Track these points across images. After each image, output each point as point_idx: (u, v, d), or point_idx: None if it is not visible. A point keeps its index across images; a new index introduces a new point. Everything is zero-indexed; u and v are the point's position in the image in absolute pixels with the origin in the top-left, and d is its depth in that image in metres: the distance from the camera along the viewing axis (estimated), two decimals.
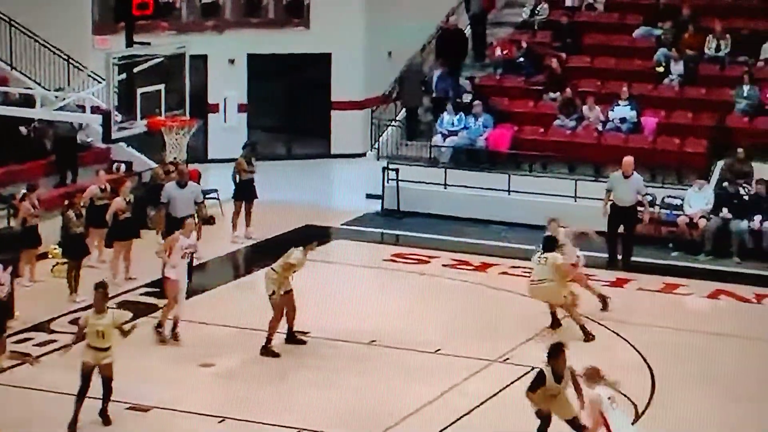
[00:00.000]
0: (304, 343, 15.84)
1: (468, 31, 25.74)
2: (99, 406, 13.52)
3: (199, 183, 22.45)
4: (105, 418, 13.50)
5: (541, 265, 16.30)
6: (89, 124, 21.97)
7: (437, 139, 23.57)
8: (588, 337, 16.27)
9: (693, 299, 18.43)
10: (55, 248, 19.07)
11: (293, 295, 15.69)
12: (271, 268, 15.63)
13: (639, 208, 19.83)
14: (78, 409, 13.29)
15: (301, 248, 15.64)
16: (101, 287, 13.74)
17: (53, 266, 18.79)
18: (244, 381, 14.92)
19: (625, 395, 12.70)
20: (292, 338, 15.88)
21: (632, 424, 12.73)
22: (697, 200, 20.86)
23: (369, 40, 26.91)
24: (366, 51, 26.96)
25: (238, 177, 21.07)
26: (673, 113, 23.11)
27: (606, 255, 19.83)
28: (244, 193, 21.07)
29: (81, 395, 13.32)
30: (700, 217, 20.64)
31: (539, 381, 12.53)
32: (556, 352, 12.57)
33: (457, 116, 23.53)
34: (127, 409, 13.86)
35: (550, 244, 16.49)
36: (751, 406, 14.47)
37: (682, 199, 21.09)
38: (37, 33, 23.31)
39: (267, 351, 15.51)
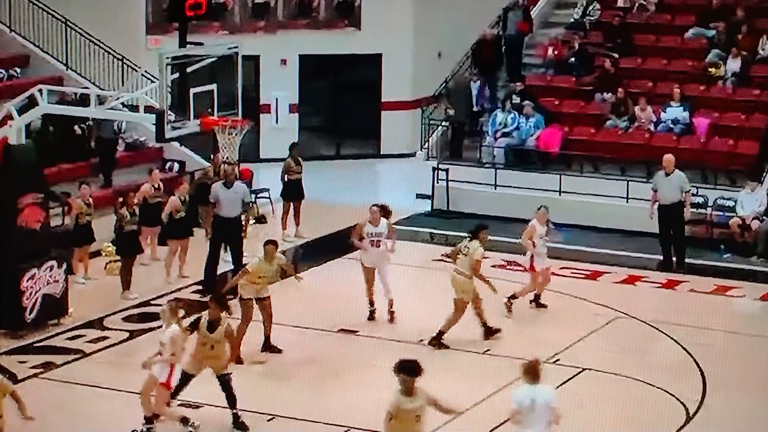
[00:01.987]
0: (279, 351, 15.67)
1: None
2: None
3: (251, 183, 22.65)
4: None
5: (462, 256, 16.07)
6: (134, 126, 22.25)
7: (489, 139, 23.55)
8: (489, 335, 16.18)
9: (745, 301, 18.30)
10: (108, 246, 19.28)
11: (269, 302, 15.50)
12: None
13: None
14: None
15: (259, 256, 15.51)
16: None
17: (107, 264, 18.99)
18: (293, 379, 15.00)
19: None
20: (268, 346, 15.70)
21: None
22: (749, 202, 20.70)
23: (419, 40, 26.95)
24: (416, 51, 26.99)
25: (286, 177, 21.19)
26: (725, 114, 22.94)
27: (660, 257, 19.75)
28: (292, 192, 21.19)
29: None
30: (753, 219, 20.48)
31: (195, 323, 13.34)
32: (218, 301, 13.45)
33: (511, 115, 23.48)
34: (178, 406, 13.97)
35: (477, 231, 16.18)
36: None
37: (735, 201, 20.94)
38: (91, 33, 23.59)
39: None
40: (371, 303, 16.89)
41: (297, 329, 16.19)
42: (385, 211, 17.02)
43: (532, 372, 11.31)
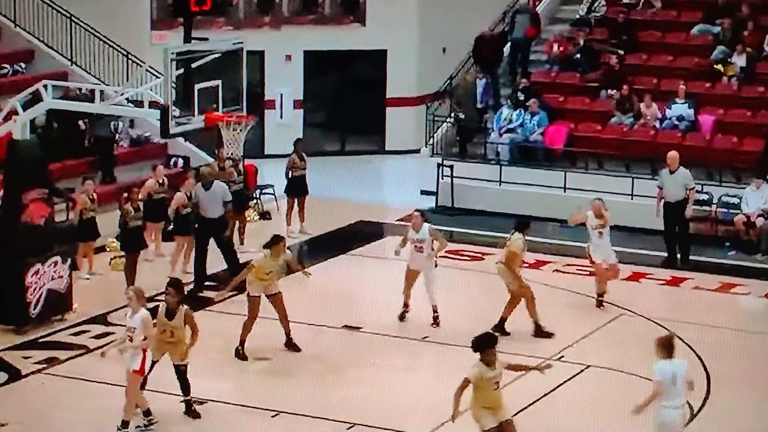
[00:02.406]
0: (298, 350, 15.63)
1: (506, 52, 25.17)
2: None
3: (255, 179, 22.66)
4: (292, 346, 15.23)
5: (505, 247, 16.37)
6: (139, 123, 22.18)
7: (494, 135, 23.52)
8: (540, 334, 16.08)
9: (749, 299, 18.28)
10: (112, 241, 19.29)
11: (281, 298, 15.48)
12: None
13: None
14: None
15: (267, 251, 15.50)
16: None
17: (111, 259, 19.00)
18: (297, 376, 15.00)
19: None
20: (290, 344, 15.68)
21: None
22: (754, 199, 20.67)
23: (424, 36, 26.93)
24: (421, 47, 26.98)
25: (290, 173, 21.20)
26: (730, 111, 22.90)
27: (664, 254, 19.74)
28: (297, 188, 21.19)
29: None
30: (758, 216, 20.45)
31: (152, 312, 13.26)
32: (175, 286, 13.58)
33: (517, 111, 23.44)
34: (183, 402, 13.98)
35: (520, 225, 16.46)
36: None
37: (740, 198, 20.90)
38: (96, 29, 23.59)
39: (238, 353, 15.40)
40: (405, 304, 16.69)
41: (301, 325, 16.17)
42: (426, 217, 16.89)
43: (667, 347, 11.94)
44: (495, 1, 26.23)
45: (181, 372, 13.60)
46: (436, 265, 16.48)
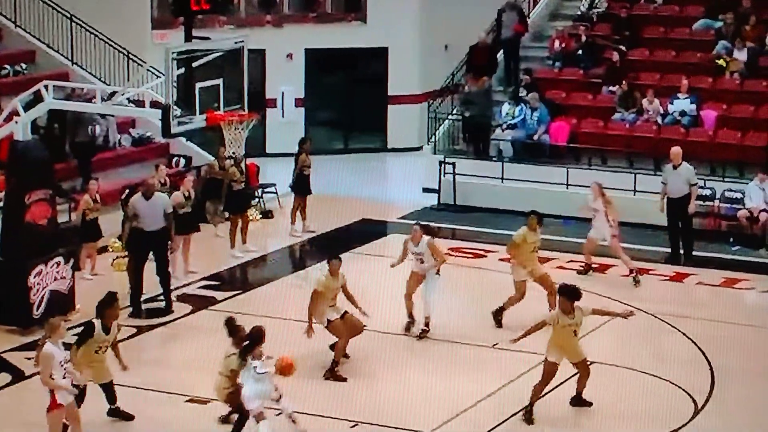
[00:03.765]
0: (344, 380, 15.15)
1: (500, 56, 25.09)
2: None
3: (257, 178, 22.64)
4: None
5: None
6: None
7: (497, 131, 23.49)
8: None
9: (753, 294, 18.24)
10: (115, 242, 19.26)
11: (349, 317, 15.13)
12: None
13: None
14: None
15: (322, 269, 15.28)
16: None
17: (114, 259, 18.98)
18: (300, 374, 14.94)
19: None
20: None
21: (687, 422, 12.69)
22: (757, 194, 20.63)
23: (425, 33, 26.90)
24: (422, 45, 26.95)
25: (302, 172, 21.09)
26: (733, 106, 22.86)
27: (668, 249, 19.71)
28: (303, 187, 21.16)
29: None
30: (761, 211, 20.41)
31: (88, 332, 12.81)
32: (109, 302, 13.09)
33: (519, 107, 23.40)
34: (186, 402, 13.97)
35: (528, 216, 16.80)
36: None
37: (743, 193, 20.86)
38: (97, 29, 23.58)
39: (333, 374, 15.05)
40: (410, 314, 16.39)
41: (304, 324, 16.14)
42: (428, 230, 16.68)
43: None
44: None
45: (108, 389, 13.22)
46: (438, 272, 16.34)
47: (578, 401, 13.93)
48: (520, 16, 25.03)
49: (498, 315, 16.52)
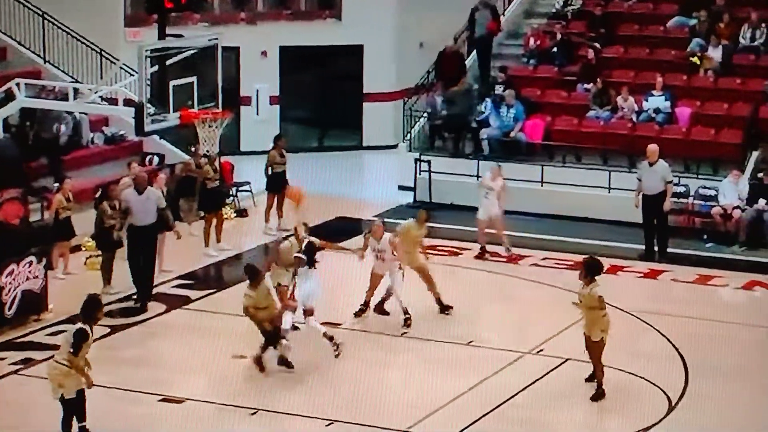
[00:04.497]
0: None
1: (474, 56, 25.06)
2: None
3: (232, 176, 22.56)
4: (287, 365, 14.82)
5: None
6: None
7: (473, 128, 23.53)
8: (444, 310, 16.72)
9: (727, 290, 18.30)
10: (88, 241, 19.15)
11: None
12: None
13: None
14: None
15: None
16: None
17: (87, 258, 18.86)
18: (275, 373, 14.93)
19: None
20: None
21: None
22: (731, 191, 20.70)
23: (401, 31, 26.88)
24: (398, 42, 26.93)
25: (270, 170, 21.12)
26: (707, 104, 22.93)
27: (642, 246, 19.75)
28: (276, 185, 21.11)
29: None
30: (735, 208, 20.48)
31: (83, 338, 12.41)
32: (97, 304, 12.81)
33: (485, 102, 23.38)
34: (160, 401, 13.91)
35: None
36: None
37: (717, 190, 20.92)
38: (70, 26, 23.44)
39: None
40: (366, 303, 16.59)
41: None
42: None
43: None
44: None
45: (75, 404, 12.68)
46: (400, 267, 16.35)
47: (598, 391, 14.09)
48: (494, 14, 25.02)
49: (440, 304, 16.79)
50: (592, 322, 13.98)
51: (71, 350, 12.38)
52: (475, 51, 25.15)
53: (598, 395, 14.01)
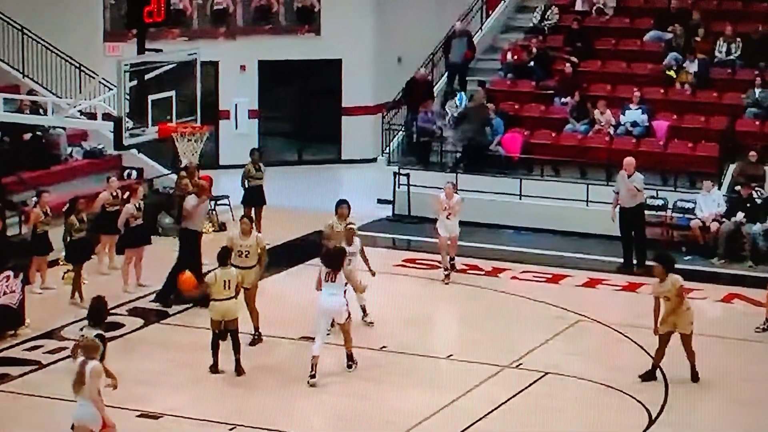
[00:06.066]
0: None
1: (444, 79, 25.16)
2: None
3: (210, 190, 22.49)
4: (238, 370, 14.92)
5: None
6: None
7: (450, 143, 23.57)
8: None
9: (706, 303, 18.34)
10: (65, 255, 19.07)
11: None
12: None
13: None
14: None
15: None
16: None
17: (64, 273, 18.78)
18: (253, 387, 14.89)
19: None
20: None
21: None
22: (707, 204, 20.79)
23: (379, 45, 26.94)
24: (376, 57, 26.98)
25: (246, 183, 21.12)
26: (684, 117, 23.05)
27: (620, 259, 19.81)
28: (253, 198, 21.08)
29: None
30: (713, 221, 20.57)
31: (104, 342, 12.53)
32: (105, 307, 12.93)
33: (457, 97, 23.41)
34: (138, 416, 13.85)
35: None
36: (763, 411, 14.40)
37: (694, 203, 21.02)
38: (49, 41, 23.39)
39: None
40: None
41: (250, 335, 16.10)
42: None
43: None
44: (450, 11, 26.29)
45: None
46: (373, 274, 16.52)
47: (695, 375, 14.98)
48: (469, 42, 25.17)
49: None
50: (683, 320, 14.80)
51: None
52: (447, 74, 25.19)
53: (695, 376, 14.93)
